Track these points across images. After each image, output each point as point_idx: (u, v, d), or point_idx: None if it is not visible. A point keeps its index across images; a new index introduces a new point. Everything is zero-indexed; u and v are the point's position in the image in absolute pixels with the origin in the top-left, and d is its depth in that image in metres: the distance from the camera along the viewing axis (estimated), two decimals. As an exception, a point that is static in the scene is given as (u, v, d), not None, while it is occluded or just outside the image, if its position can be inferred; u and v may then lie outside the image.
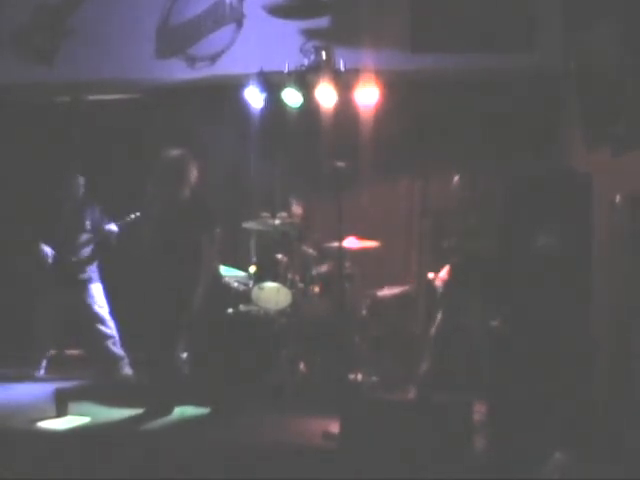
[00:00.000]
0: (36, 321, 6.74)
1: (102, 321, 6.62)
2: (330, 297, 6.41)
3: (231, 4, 6.99)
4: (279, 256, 6.43)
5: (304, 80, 6.64)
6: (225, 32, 6.99)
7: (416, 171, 7.36)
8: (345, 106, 6.75)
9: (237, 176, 7.56)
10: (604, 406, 4.88)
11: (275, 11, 6.87)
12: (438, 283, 5.89)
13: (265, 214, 6.56)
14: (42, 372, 6.74)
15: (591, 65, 5.46)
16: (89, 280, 6.68)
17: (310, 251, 6.71)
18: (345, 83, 6.60)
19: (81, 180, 6.75)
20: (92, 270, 6.73)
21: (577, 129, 5.91)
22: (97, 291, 6.69)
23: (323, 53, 6.62)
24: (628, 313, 4.80)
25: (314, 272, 6.55)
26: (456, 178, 5.97)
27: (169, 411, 5.50)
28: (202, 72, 7.04)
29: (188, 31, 7.05)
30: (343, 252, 5.92)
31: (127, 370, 6.60)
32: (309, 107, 6.76)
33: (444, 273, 5.87)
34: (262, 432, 5.18)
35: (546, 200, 4.78)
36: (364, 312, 6.34)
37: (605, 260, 5.05)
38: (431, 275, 6.00)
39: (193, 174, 5.61)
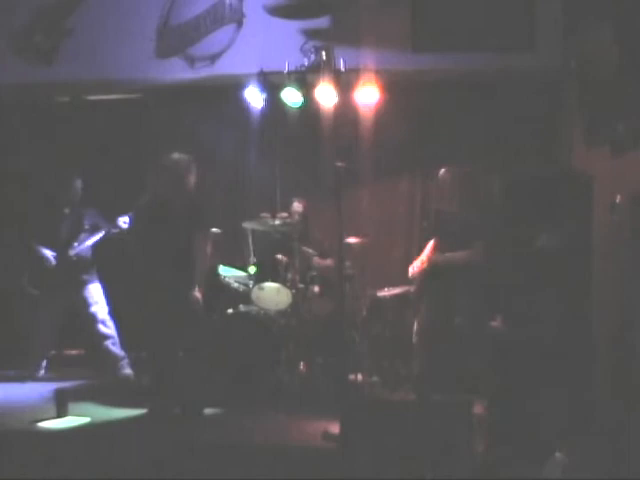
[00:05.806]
0: (36, 321, 6.73)
1: (102, 321, 6.61)
2: (330, 297, 6.41)
3: (231, 4, 6.99)
4: (279, 256, 6.43)
5: (304, 80, 6.62)
6: (225, 32, 6.99)
7: (416, 171, 7.36)
8: (345, 106, 6.74)
9: (237, 176, 7.56)
10: (604, 406, 4.88)
11: (275, 11, 6.87)
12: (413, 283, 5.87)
13: (265, 214, 6.55)
14: (42, 372, 6.73)
15: (591, 65, 5.46)
16: (88, 280, 6.67)
17: (310, 251, 6.71)
18: (345, 83, 6.59)
19: (80, 180, 6.75)
20: (91, 270, 6.72)
21: (577, 129, 5.91)
22: (97, 291, 6.68)
23: (323, 53, 6.61)
24: (628, 313, 4.79)
25: (314, 272, 6.55)
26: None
27: (169, 411, 5.50)
28: (202, 72, 7.03)
29: (188, 31, 7.05)
30: (343, 252, 5.91)
31: (127, 370, 6.60)
32: (309, 107, 6.75)
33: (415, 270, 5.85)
34: (262, 432, 5.17)
35: (546, 200, 4.78)
36: (364, 312, 6.33)
37: (605, 260, 5.04)
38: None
39: (192, 178, 5.61)
